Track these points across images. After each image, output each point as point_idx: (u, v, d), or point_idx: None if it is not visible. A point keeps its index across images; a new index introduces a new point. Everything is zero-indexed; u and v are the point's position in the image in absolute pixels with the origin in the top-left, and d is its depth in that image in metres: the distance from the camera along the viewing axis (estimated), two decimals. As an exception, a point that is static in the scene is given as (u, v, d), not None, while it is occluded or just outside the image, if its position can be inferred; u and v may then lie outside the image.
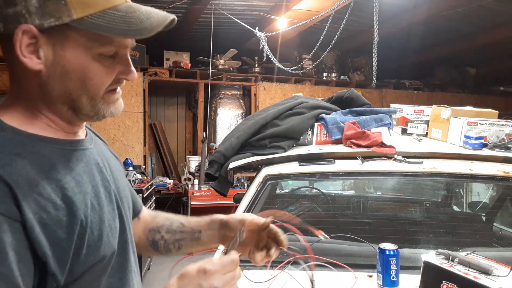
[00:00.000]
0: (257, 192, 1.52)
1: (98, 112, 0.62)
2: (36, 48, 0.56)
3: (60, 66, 0.57)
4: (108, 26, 0.56)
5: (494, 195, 2.04)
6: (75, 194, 0.57)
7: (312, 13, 3.83)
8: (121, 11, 0.57)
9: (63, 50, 0.57)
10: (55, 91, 0.59)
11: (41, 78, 0.58)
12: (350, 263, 1.20)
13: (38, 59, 0.56)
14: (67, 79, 0.58)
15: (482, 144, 1.69)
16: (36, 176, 0.54)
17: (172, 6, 3.96)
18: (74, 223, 0.56)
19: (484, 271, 0.99)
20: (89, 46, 0.57)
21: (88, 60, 0.58)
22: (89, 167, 0.64)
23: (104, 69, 0.60)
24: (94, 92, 0.60)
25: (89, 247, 0.57)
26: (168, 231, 0.85)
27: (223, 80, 5.17)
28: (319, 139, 1.86)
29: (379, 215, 1.97)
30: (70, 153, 0.61)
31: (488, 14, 4.22)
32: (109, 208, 0.64)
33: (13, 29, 0.54)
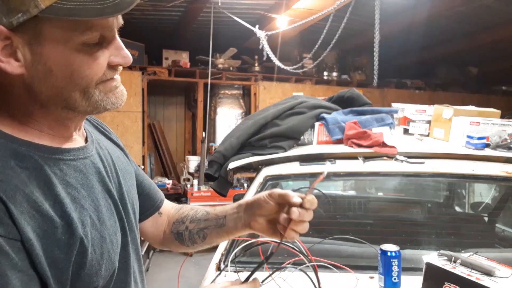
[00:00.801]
0: (257, 192, 1.50)
1: (97, 105, 0.56)
2: (13, 50, 0.51)
3: (42, 65, 0.52)
4: (81, 8, 0.49)
5: (497, 195, 2.03)
6: (72, 211, 0.53)
7: (312, 12, 3.82)
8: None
9: (40, 47, 0.51)
10: (43, 93, 0.54)
11: (25, 81, 0.52)
12: (351, 265, 1.19)
13: (17, 62, 0.51)
14: (52, 77, 0.52)
15: (485, 144, 1.68)
16: (34, 192, 0.50)
17: (171, 5, 3.95)
18: (73, 242, 0.52)
19: (486, 273, 0.98)
20: (67, 36, 0.51)
21: (70, 52, 0.52)
22: (89, 179, 0.59)
23: (91, 58, 0.53)
24: (85, 85, 0.54)
25: (90, 267, 0.54)
26: (193, 220, 0.80)
27: (223, 79, 5.16)
28: (320, 139, 1.85)
29: (381, 216, 1.96)
30: (67, 164, 0.57)
31: (490, 13, 4.21)
32: (110, 222, 0.60)
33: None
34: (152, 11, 4.21)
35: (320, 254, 1.18)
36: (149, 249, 3.96)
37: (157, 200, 0.83)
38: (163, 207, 0.84)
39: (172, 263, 4.06)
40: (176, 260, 4.17)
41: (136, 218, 0.72)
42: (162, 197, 0.85)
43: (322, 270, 1.10)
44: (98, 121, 0.75)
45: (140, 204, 0.77)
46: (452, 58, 6.03)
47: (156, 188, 0.85)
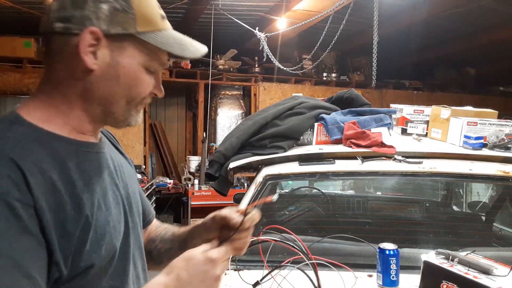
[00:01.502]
0: (257, 192, 1.52)
1: (127, 118, 0.66)
2: (95, 50, 0.60)
3: (114, 70, 0.62)
4: (165, 42, 0.63)
5: (494, 195, 2.04)
6: (83, 192, 0.59)
7: (312, 13, 3.83)
8: (171, 33, 0.66)
9: (120, 56, 0.62)
10: (99, 92, 0.63)
11: (92, 78, 0.61)
12: (350, 263, 1.20)
13: (95, 59, 0.61)
14: (116, 82, 0.63)
15: (482, 144, 1.69)
16: (49, 169, 0.56)
17: (172, 6, 3.96)
18: (79, 219, 0.58)
19: (484, 271, 0.99)
20: (143, 57, 0.63)
21: (139, 69, 0.64)
22: (100, 170, 0.66)
23: (148, 80, 0.66)
24: (133, 97, 0.65)
25: (92, 244, 0.59)
26: (162, 240, 0.85)
27: (223, 80, 5.17)
28: (319, 139, 1.87)
29: (379, 215, 1.97)
30: (83, 154, 0.63)
31: (488, 14, 4.23)
32: (115, 211, 0.66)
33: (76, 29, 0.59)
34: (152, 12, 4.21)
35: (319, 253, 1.19)
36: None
37: (148, 215, 0.87)
38: (150, 225, 0.88)
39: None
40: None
41: (140, 220, 0.76)
42: (153, 214, 0.90)
43: (321, 268, 1.11)
44: (109, 132, 0.82)
45: None
46: (450, 59, 6.04)
47: (149, 205, 0.89)
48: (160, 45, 0.63)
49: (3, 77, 4.32)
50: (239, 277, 1.14)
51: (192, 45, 0.67)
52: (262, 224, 1.45)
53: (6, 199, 0.51)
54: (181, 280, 0.59)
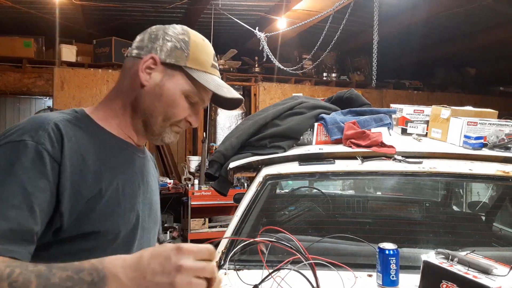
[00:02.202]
0: (257, 192, 1.52)
1: (161, 133, 0.80)
2: (152, 72, 0.78)
3: (160, 89, 0.78)
4: (205, 79, 0.80)
5: (494, 195, 2.04)
6: (107, 171, 0.73)
7: (312, 13, 3.84)
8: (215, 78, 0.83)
9: (167, 80, 0.79)
10: (144, 104, 0.79)
11: (142, 92, 0.79)
12: (350, 263, 1.20)
13: (149, 78, 0.78)
14: (158, 99, 0.78)
15: (482, 144, 1.69)
16: (85, 144, 0.71)
17: (172, 6, 3.96)
18: (94, 188, 0.70)
19: (483, 271, 0.99)
20: (185, 86, 0.79)
21: (179, 94, 0.79)
22: (130, 166, 0.80)
23: (185, 106, 0.80)
24: (169, 117, 0.79)
25: (99, 214, 0.70)
26: None
27: (223, 80, 5.17)
28: (319, 139, 1.86)
29: (379, 215, 1.97)
30: (121, 148, 0.79)
31: (488, 14, 4.23)
32: (130, 201, 0.77)
33: (144, 55, 0.79)
34: (153, 12, 4.22)
35: (319, 253, 1.19)
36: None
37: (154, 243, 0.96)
38: None
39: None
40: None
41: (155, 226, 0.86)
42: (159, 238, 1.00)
43: (321, 268, 1.12)
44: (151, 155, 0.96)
45: None
46: (450, 59, 6.05)
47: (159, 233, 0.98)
48: (200, 80, 0.79)
49: (3, 77, 4.32)
50: (238, 277, 1.14)
51: (228, 90, 0.83)
52: (262, 224, 1.45)
53: (39, 147, 0.65)
54: (141, 259, 0.57)
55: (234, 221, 1.43)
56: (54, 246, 0.67)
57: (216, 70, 0.84)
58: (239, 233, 1.36)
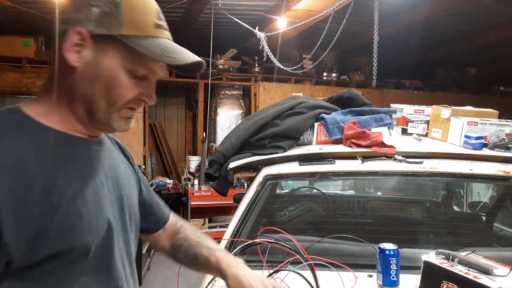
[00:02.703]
0: (257, 192, 1.51)
1: (109, 121, 0.67)
2: (81, 49, 0.64)
3: (95, 69, 0.64)
4: (147, 48, 0.64)
5: (495, 195, 2.04)
6: (57, 179, 0.61)
7: (312, 13, 3.83)
8: (161, 41, 0.66)
9: (102, 56, 0.64)
10: (81, 89, 0.65)
11: (75, 75, 0.65)
12: (350, 263, 1.20)
13: (78, 58, 0.64)
14: (96, 81, 0.65)
15: (482, 144, 1.69)
16: (24, 151, 0.59)
17: (172, 6, 3.96)
18: (45, 203, 0.58)
19: (484, 271, 0.99)
20: (124, 60, 0.65)
21: (120, 70, 0.65)
22: (85, 165, 0.67)
23: (129, 83, 0.66)
24: (114, 100, 0.66)
25: (57, 232, 0.59)
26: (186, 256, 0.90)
27: (223, 80, 5.17)
28: (319, 139, 1.86)
29: (379, 215, 1.97)
30: (71, 146, 0.66)
31: (489, 14, 4.22)
32: (94, 207, 0.65)
33: (69, 29, 0.63)
34: (152, 12, 4.21)
35: (319, 253, 1.19)
36: (151, 248, 3.96)
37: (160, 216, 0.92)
38: (168, 224, 0.94)
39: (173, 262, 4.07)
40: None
41: (133, 223, 0.77)
42: (167, 215, 0.95)
43: (321, 268, 1.11)
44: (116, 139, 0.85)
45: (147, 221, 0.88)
46: (450, 59, 6.04)
47: (161, 207, 0.94)
48: (140, 49, 0.64)
49: (2, 77, 4.31)
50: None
51: (181, 55, 0.67)
52: (262, 224, 1.45)
53: None
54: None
55: (234, 221, 1.42)
56: (10, 278, 0.57)
57: (162, 30, 0.68)
58: (239, 234, 1.35)
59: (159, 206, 0.93)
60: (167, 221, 0.93)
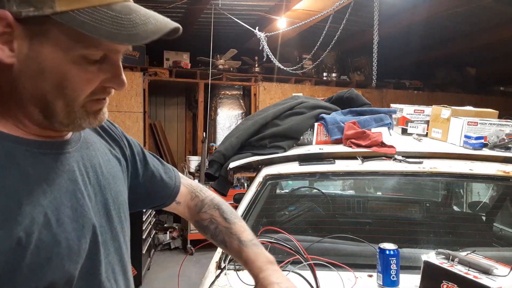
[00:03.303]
0: (257, 192, 1.52)
1: (74, 121, 0.54)
2: (11, 39, 0.49)
3: (35, 63, 0.50)
4: (95, 25, 0.48)
5: (494, 195, 2.04)
6: (22, 204, 0.48)
7: (312, 13, 3.83)
8: (114, 11, 0.50)
9: (40, 46, 0.49)
10: (26, 90, 0.51)
11: (13, 74, 0.50)
12: (350, 263, 1.20)
13: (11, 51, 0.49)
14: (41, 79, 0.50)
15: (482, 144, 1.69)
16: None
17: (172, 6, 3.96)
18: (7, 239, 0.46)
19: (484, 271, 0.99)
20: (71, 45, 0.50)
21: (67, 61, 0.50)
22: (58, 174, 0.54)
23: (85, 74, 0.52)
24: (72, 98, 0.52)
25: (30, 269, 0.48)
26: (214, 238, 0.85)
27: (223, 80, 5.17)
28: (319, 139, 1.86)
29: (379, 215, 1.97)
30: (33, 156, 0.52)
31: (488, 14, 4.22)
32: (74, 226, 0.54)
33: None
34: (152, 12, 4.22)
35: (319, 253, 1.19)
36: (150, 248, 3.97)
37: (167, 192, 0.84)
38: (179, 196, 0.86)
39: (173, 261, 4.07)
40: (177, 259, 4.18)
41: (124, 225, 0.67)
42: (176, 189, 0.85)
43: (321, 268, 1.12)
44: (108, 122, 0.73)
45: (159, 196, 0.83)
46: (450, 59, 6.04)
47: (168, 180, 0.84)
48: (86, 30, 0.47)
49: None
50: (238, 277, 1.14)
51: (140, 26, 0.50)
52: (261, 224, 1.45)
53: None
54: None
55: (234, 221, 1.42)
56: None
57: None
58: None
59: (169, 175, 0.84)
60: (178, 192, 0.85)
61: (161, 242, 4.59)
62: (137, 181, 0.79)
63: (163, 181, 0.83)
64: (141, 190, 0.80)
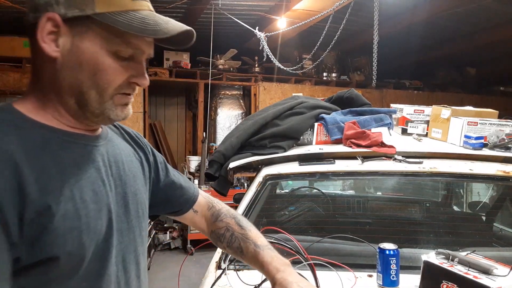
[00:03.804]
0: (257, 192, 1.52)
1: (104, 111, 0.63)
2: (57, 37, 0.59)
3: (75, 56, 0.60)
4: (127, 23, 0.59)
5: (494, 195, 2.04)
6: (52, 179, 0.57)
7: (312, 13, 3.83)
8: (142, 14, 0.61)
9: (80, 41, 0.59)
10: (66, 81, 0.61)
11: (56, 66, 0.60)
12: (350, 263, 1.20)
13: (56, 47, 0.59)
14: (79, 70, 0.60)
15: (482, 144, 1.69)
16: (16, 152, 0.55)
17: (172, 6, 3.96)
18: (40, 204, 0.55)
19: (484, 271, 0.99)
20: (106, 40, 0.60)
21: (102, 53, 0.60)
22: (84, 161, 0.63)
23: (116, 66, 0.62)
24: (103, 88, 0.61)
25: (54, 234, 0.56)
26: (229, 247, 0.88)
27: (223, 80, 5.17)
28: (319, 139, 1.86)
29: (379, 215, 1.97)
30: (66, 144, 0.61)
31: (488, 14, 4.23)
32: (93, 206, 0.61)
33: (40, 17, 0.58)
34: (152, 12, 4.21)
35: (319, 253, 1.19)
36: (150, 248, 3.97)
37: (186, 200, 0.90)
38: (197, 205, 0.91)
39: (173, 261, 4.07)
40: (177, 259, 4.18)
41: (142, 220, 0.74)
42: (194, 198, 0.91)
43: (321, 268, 1.11)
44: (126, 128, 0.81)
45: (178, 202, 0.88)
46: (450, 59, 6.04)
47: (187, 188, 0.90)
48: (120, 25, 0.58)
49: (3, 77, 4.31)
50: (238, 277, 1.14)
51: (167, 26, 0.61)
52: (261, 224, 1.45)
53: None
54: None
55: (234, 221, 1.42)
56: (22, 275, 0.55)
57: (141, 2, 0.62)
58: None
59: (188, 185, 0.91)
60: (196, 201, 0.90)
61: (161, 242, 4.59)
62: (158, 187, 0.85)
63: (182, 188, 0.89)
64: (162, 195, 0.86)
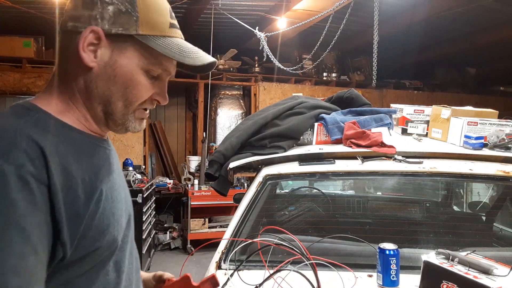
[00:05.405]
0: (257, 192, 1.52)
1: (125, 122, 0.68)
2: (96, 49, 0.63)
3: (112, 69, 0.64)
4: (165, 47, 0.65)
5: (494, 195, 2.04)
6: (93, 179, 0.62)
7: (312, 13, 3.83)
8: (178, 41, 0.68)
9: (119, 56, 0.64)
10: (97, 90, 0.65)
11: (91, 75, 0.64)
12: (350, 263, 1.20)
13: (94, 58, 0.64)
14: (113, 81, 0.65)
15: (482, 144, 1.69)
16: (65, 153, 0.59)
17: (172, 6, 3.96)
18: (89, 203, 0.60)
19: (484, 271, 0.99)
20: (142, 59, 0.65)
21: (137, 70, 0.66)
22: (108, 164, 0.68)
23: (146, 83, 0.67)
24: (131, 101, 0.66)
25: (96, 230, 0.61)
26: None
27: (223, 80, 5.17)
28: (319, 139, 1.86)
29: (379, 215, 1.97)
30: (95, 147, 0.67)
31: (488, 14, 4.23)
32: (119, 205, 0.68)
33: (82, 28, 0.62)
34: (152, 12, 4.21)
35: (319, 253, 1.19)
36: (150, 248, 3.97)
37: None
38: None
39: (173, 261, 4.07)
40: (177, 259, 4.18)
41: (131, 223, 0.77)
42: None
43: (321, 268, 1.12)
44: None
45: None
46: (450, 59, 6.05)
47: None
48: (159, 49, 0.64)
49: (3, 77, 4.31)
50: (238, 277, 1.14)
51: (197, 55, 0.68)
52: (262, 224, 1.45)
53: (20, 172, 0.52)
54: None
55: (234, 221, 1.42)
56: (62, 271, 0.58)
57: (176, 30, 0.69)
58: (239, 233, 1.35)
59: None
60: None
61: (161, 242, 4.59)
62: None
63: None
64: None
